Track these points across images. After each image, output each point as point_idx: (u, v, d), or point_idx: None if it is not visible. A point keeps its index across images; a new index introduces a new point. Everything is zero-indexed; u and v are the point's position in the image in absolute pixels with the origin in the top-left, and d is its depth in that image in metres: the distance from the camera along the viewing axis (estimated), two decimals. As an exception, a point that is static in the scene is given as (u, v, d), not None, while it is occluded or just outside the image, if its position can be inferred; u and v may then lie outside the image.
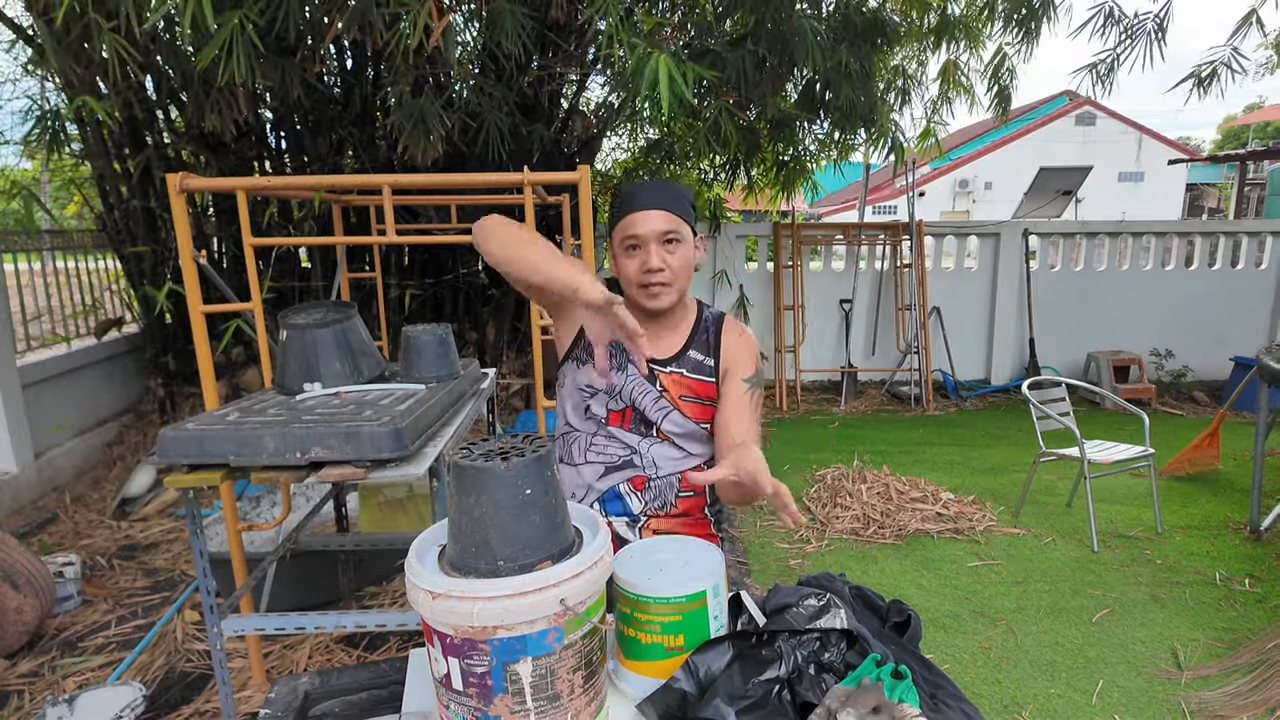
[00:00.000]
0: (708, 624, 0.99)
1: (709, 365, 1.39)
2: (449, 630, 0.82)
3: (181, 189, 2.02)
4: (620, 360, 1.36)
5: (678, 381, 1.37)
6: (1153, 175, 22.31)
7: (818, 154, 5.67)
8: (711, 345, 1.40)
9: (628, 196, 1.34)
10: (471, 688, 0.83)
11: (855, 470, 4.18)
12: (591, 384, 1.36)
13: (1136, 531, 3.57)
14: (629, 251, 1.33)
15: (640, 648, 0.99)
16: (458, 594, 0.81)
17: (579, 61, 4.57)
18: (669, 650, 0.98)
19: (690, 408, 1.37)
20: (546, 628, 0.83)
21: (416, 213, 4.62)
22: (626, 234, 1.32)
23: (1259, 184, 12.90)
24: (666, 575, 1.00)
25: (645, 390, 1.36)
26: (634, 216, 1.31)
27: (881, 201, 20.57)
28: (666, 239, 1.31)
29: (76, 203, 5.70)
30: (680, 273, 1.33)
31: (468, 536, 0.86)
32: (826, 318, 6.57)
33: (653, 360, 1.38)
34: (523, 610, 0.81)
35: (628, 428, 1.37)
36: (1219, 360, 6.37)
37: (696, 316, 1.43)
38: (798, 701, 0.88)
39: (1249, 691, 2.28)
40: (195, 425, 1.49)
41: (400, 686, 1.06)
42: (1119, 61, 4.13)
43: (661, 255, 1.31)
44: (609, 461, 1.38)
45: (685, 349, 1.39)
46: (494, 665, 0.82)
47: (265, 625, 1.81)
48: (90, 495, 4.11)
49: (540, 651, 0.83)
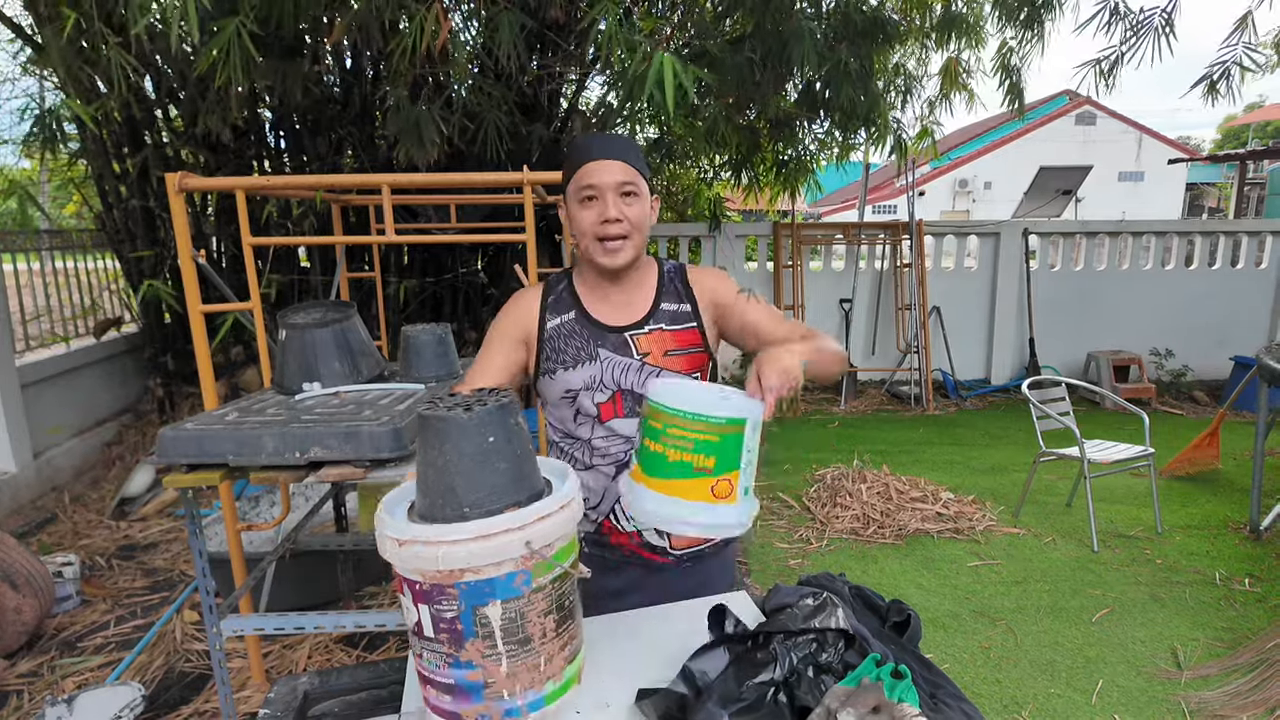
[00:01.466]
0: (740, 454, 0.96)
1: (686, 311, 1.35)
2: (417, 576, 0.84)
3: (180, 188, 2.01)
4: (590, 349, 1.31)
5: (659, 339, 1.32)
6: (1153, 175, 22.32)
7: (818, 153, 5.67)
8: (681, 292, 1.36)
9: (582, 146, 1.28)
10: (443, 633, 0.84)
11: (855, 470, 4.17)
12: (570, 386, 1.32)
13: (1136, 531, 3.57)
14: (585, 203, 1.27)
15: (665, 464, 0.96)
16: (424, 539, 0.82)
17: (578, 61, 4.57)
18: (697, 470, 0.95)
19: (676, 361, 1.33)
20: (514, 570, 0.84)
21: (416, 212, 4.62)
22: (583, 184, 1.26)
23: (1259, 183, 12.91)
24: (707, 397, 0.98)
25: (625, 365, 1.31)
26: (590, 166, 1.25)
27: (881, 201, 20.57)
28: (624, 190, 1.26)
29: (76, 202, 5.70)
30: (639, 225, 1.28)
31: (434, 487, 0.88)
32: (826, 317, 6.56)
33: (627, 326, 1.33)
34: (488, 553, 0.82)
35: (623, 414, 1.31)
36: (1219, 360, 6.37)
37: (658, 271, 1.39)
38: (796, 705, 0.88)
39: (1249, 691, 2.28)
40: (194, 425, 1.49)
41: (400, 686, 1.06)
42: (1125, 59, 4.09)
43: (619, 206, 1.25)
44: (617, 459, 1.33)
45: (656, 304, 1.35)
46: (463, 609, 0.83)
47: (264, 625, 1.81)
48: (89, 495, 4.10)
49: (508, 594, 0.84)
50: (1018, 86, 4.79)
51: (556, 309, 1.35)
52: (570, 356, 1.32)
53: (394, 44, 3.04)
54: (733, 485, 0.96)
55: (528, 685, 0.88)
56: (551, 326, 1.33)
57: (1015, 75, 4.76)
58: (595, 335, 1.32)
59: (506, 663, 0.86)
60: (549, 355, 1.33)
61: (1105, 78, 4.19)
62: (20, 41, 4.13)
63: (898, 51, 5.33)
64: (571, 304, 1.35)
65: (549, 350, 1.33)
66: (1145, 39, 4.01)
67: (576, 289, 1.37)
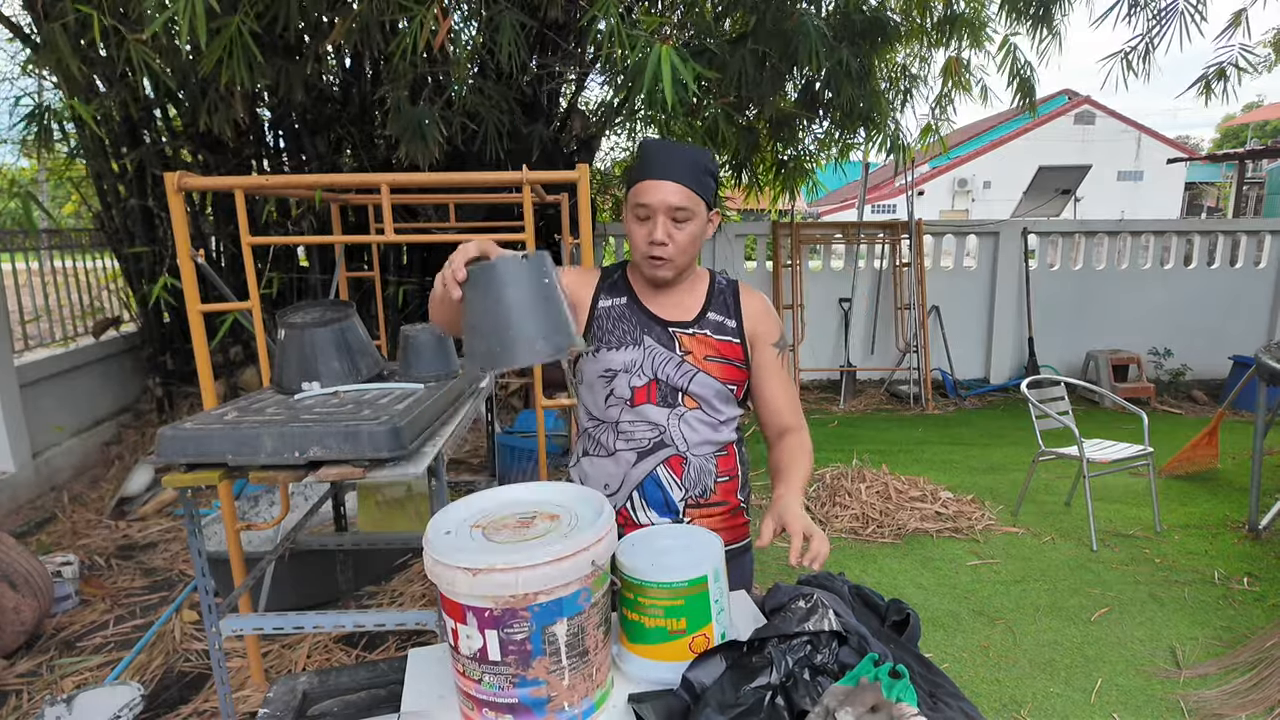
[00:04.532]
0: (709, 607, 1.02)
1: (731, 326, 1.38)
2: (489, 604, 0.86)
3: (179, 188, 2.01)
4: (637, 334, 1.34)
5: (702, 342, 1.35)
6: (1151, 174, 22.34)
7: (817, 153, 5.66)
8: (731, 308, 1.39)
9: (647, 158, 1.29)
10: (510, 655, 0.88)
11: (854, 469, 4.18)
12: (610, 366, 1.34)
13: (1135, 530, 3.58)
14: (638, 220, 1.30)
15: (644, 631, 1.02)
16: (501, 566, 0.85)
17: (578, 60, 4.57)
18: (672, 633, 1.01)
19: (716, 368, 1.35)
20: (579, 588, 0.89)
21: (415, 211, 4.62)
22: (638, 200, 1.28)
23: (1258, 183, 12.91)
24: (669, 560, 1.04)
25: (667, 358, 1.34)
26: (647, 185, 1.27)
27: (880, 200, 20.59)
28: (675, 216, 1.27)
29: (75, 202, 5.69)
30: (685, 249, 1.30)
31: (493, 333, 0.94)
32: (826, 316, 6.56)
33: (674, 322, 1.36)
34: (563, 574, 0.87)
35: (655, 401, 1.34)
36: (1218, 359, 6.37)
37: (710, 282, 1.42)
38: (795, 709, 0.88)
39: (1247, 690, 2.28)
40: (193, 424, 1.48)
41: (399, 686, 1.06)
42: (1154, 46, 3.97)
43: (668, 229, 1.27)
44: (640, 446, 1.35)
45: (705, 311, 1.38)
46: (534, 630, 0.87)
47: (264, 625, 1.80)
48: (88, 495, 4.10)
49: (574, 611, 0.89)
50: (1028, 84, 4.75)
51: (610, 292, 1.38)
52: (616, 338, 1.34)
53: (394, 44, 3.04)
54: (709, 639, 1.02)
55: (583, 694, 0.93)
56: (603, 307, 1.37)
57: (1029, 70, 4.68)
58: (643, 323, 1.35)
59: (569, 676, 0.90)
60: (595, 334, 1.36)
61: (1133, 68, 4.07)
62: (19, 41, 4.13)
63: (899, 51, 5.32)
64: (625, 290, 1.38)
65: (596, 329, 1.36)
66: (1170, 24, 3.88)
67: (631, 280, 1.40)
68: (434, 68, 3.97)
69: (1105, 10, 4.02)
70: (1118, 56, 4.11)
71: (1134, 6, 4.00)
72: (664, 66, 2.69)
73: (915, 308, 6.26)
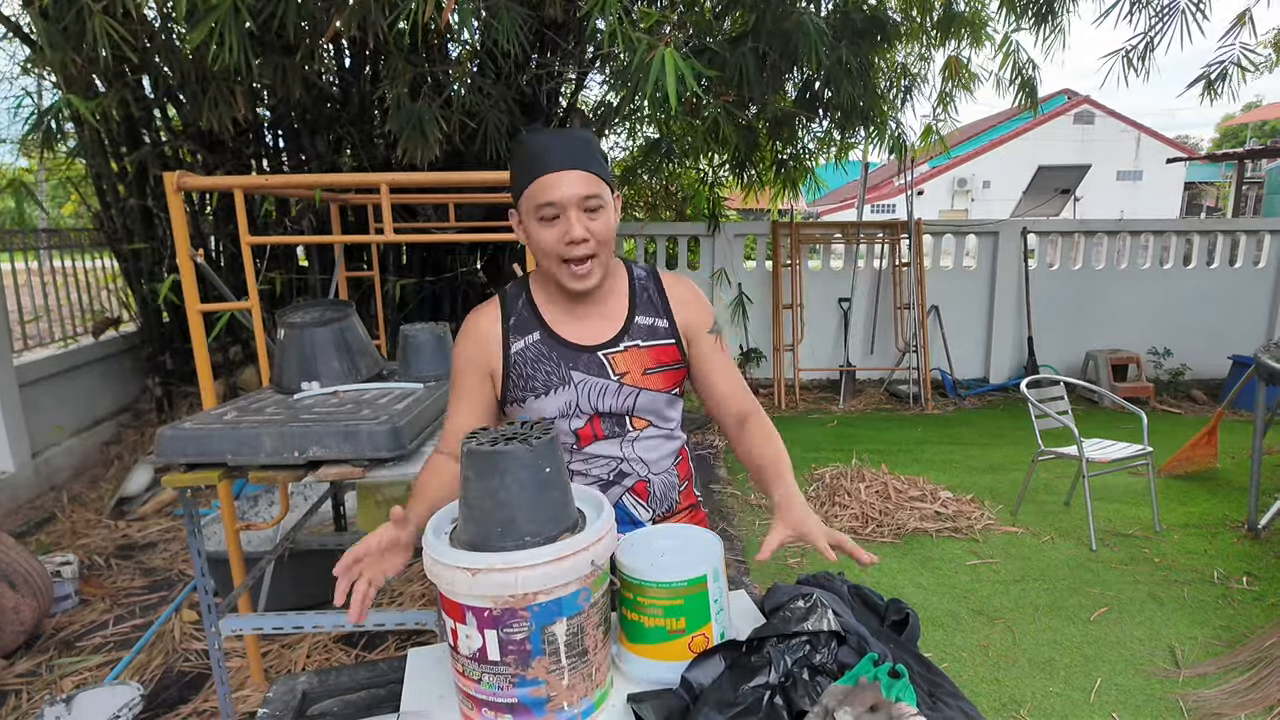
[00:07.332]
0: (708, 607, 1.02)
1: (663, 327, 1.25)
2: (488, 604, 0.87)
3: (179, 187, 2.01)
4: (563, 373, 1.21)
5: (635, 356, 1.22)
6: (1151, 174, 22.35)
7: (817, 152, 5.67)
8: (658, 304, 1.26)
9: (536, 154, 1.13)
10: (510, 655, 0.88)
11: (854, 469, 4.18)
12: (543, 414, 1.22)
13: (1135, 530, 3.58)
14: (545, 222, 1.14)
15: (643, 631, 1.02)
16: (501, 566, 0.86)
17: (577, 60, 4.57)
18: (671, 633, 1.01)
19: (656, 379, 1.24)
20: (579, 588, 0.90)
21: (415, 211, 4.61)
22: (541, 200, 1.12)
23: (1257, 182, 12.90)
24: (668, 560, 1.04)
25: (602, 388, 1.22)
26: (548, 180, 1.11)
27: (880, 200, 20.60)
28: (588, 205, 1.13)
29: (74, 201, 5.69)
30: (607, 241, 1.16)
31: (491, 518, 0.91)
32: (825, 316, 6.56)
33: (599, 345, 1.23)
34: (562, 574, 0.87)
35: (602, 436, 1.24)
36: (1217, 358, 6.37)
37: (629, 279, 1.28)
38: (794, 709, 0.88)
39: (1247, 689, 2.28)
40: (193, 424, 1.48)
41: (398, 686, 1.06)
42: (1155, 44, 3.94)
43: (584, 223, 1.13)
44: (601, 480, 1.26)
45: (631, 318, 1.24)
46: (533, 630, 0.88)
47: (263, 625, 1.81)
48: (88, 495, 4.10)
49: (573, 611, 0.90)
50: (1030, 82, 4.73)
51: (519, 330, 1.23)
52: (540, 383, 1.21)
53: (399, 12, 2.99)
54: (709, 638, 1.02)
55: (583, 694, 0.93)
56: (516, 351, 1.22)
57: (1031, 68, 4.66)
58: (566, 356, 1.21)
59: (568, 675, 0.91)
60: (516, 383, 1.22)
61: (1134, 66, 4.03)
62: (18, 40, 4.12)
63: (899, 50, 5.32)
64: (535, 323, 1.24)
65: (515, 378, 1.22)
66: (1171, 23, 3.85)
67: (538, 305, 1.25)
68: (433, 66, 3.97)
69: (1107, 8, 4.00)
70: (1118, 54, 4.09)
71: (1135, 5, 3.98)
72: (668, 69, 2.69)
73: (915, 307, 6.26)
